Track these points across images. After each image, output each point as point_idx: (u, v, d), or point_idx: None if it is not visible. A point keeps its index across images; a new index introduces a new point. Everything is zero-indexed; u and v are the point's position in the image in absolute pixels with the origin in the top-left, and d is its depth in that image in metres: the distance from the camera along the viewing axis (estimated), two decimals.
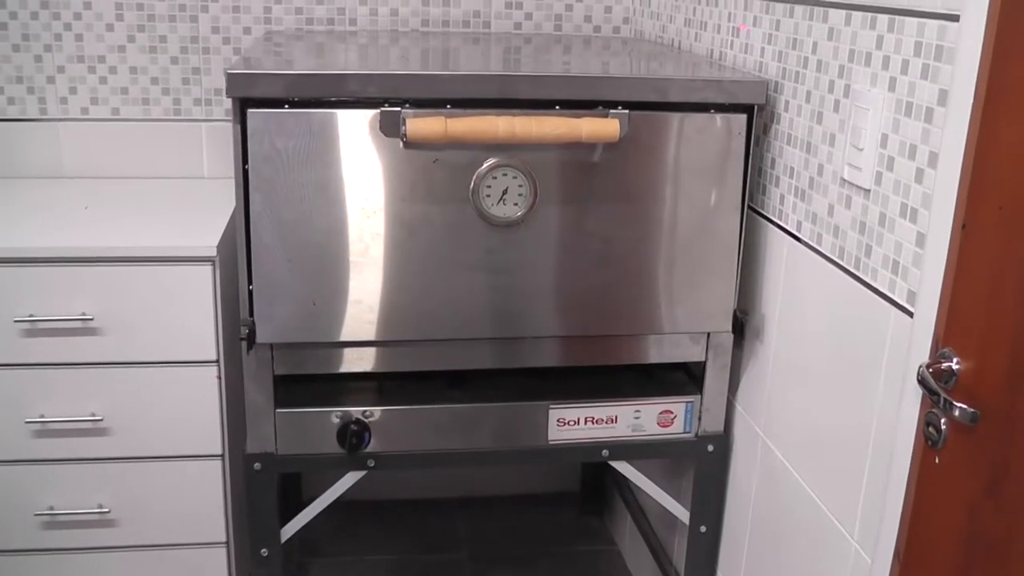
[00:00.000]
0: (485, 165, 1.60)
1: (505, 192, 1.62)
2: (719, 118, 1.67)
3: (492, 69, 1.77)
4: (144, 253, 1.87)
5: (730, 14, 1.89)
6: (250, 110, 1.55)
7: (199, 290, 1.89)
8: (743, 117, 1.68)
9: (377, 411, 1.73)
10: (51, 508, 1.99)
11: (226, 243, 1.93)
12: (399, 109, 1.56)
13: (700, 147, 1.68)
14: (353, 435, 1.70)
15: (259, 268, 1.61)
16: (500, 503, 2.64)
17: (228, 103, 2.33)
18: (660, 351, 1.80)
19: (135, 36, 2.33)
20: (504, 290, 1.68)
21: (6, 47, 2.32)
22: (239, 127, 1.56)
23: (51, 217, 2.09)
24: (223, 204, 2.15)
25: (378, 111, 1.57)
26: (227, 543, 2.04)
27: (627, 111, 1.62)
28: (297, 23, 2.36)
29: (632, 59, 2.01)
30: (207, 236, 1.91)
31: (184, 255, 1.88)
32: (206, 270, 1.88)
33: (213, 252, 1.87)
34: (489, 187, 1.61)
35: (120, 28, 2.32)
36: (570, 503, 2.66)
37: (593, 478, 2.63)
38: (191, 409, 1.95)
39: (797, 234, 1.62)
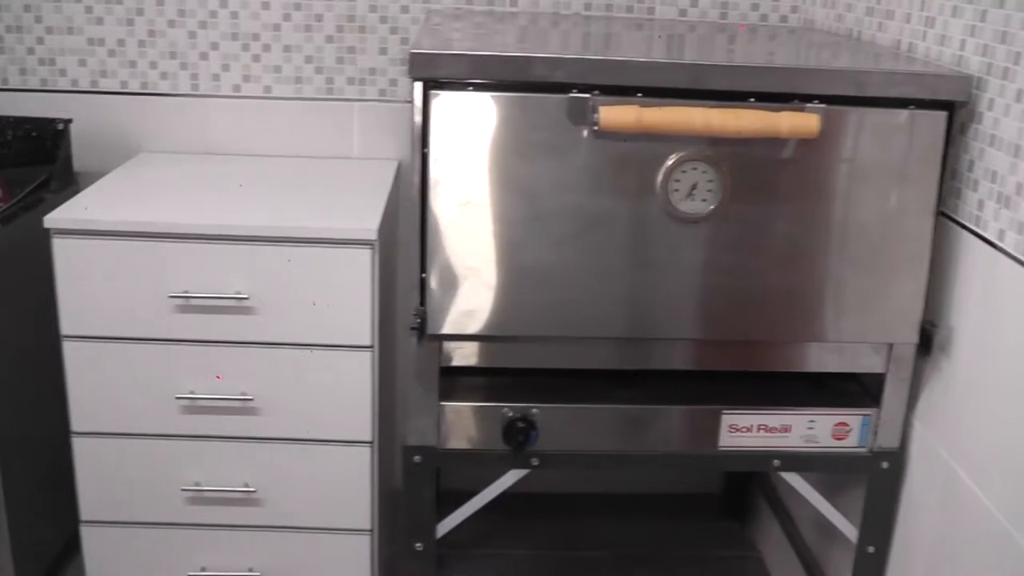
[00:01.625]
0: (674, 158, 1.53)
1: (694, 187, 1.54)
2: (918, 115, 1.57)
3: (684, 58, 1.69)
4: (304, 234, 1.84)
5: (922, 2, 1.78)
6: (433, 91, 1.50)
7: (357, 274, 1.85)
8: (942, 115, 1.58)
9: (544, 408, 1.67)
10: (197, 483, 1.98)
11: (384, 227, 1.88)
12: (588, 96, 1.49)
13: (894, 145, 1.58)
14: (519, 432, 1.64)
15: (434, 256, 1.56)
16: (638, 501, 2.57)
17: (381, 83, 2.31)
18: (837, 360, 1.71)
19: (291, 15, 2.30)
20: (684, 289, 1.61)
21: (162, 22, 2.31)
22: (421, 109, 1.51)
23: (204, 193, 2.07)
24: (376, 186, 2.11)
25: (566, 97, 1.50)
26: (371, 531, 2.00)
27: (823, 105, 1.53)
28: (456, 2, 2.30)
29: (816, 50, 1.91)
30: (367, 219, 1.87)
31: (344, 237, 1.84)
32: (365, 254, 1.84)
33: (374, 236, 1.83)
34: (678, 181, 1.54)
35: (276, 6, 2.29)
36: (709, 505, 2.58)
37: (735, 481, 2.55)
38: (342, 394, 1.92)
39: (998, 243, 1.52)
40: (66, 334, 1.92)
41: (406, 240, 2.23)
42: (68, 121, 2.25)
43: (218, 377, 1.91)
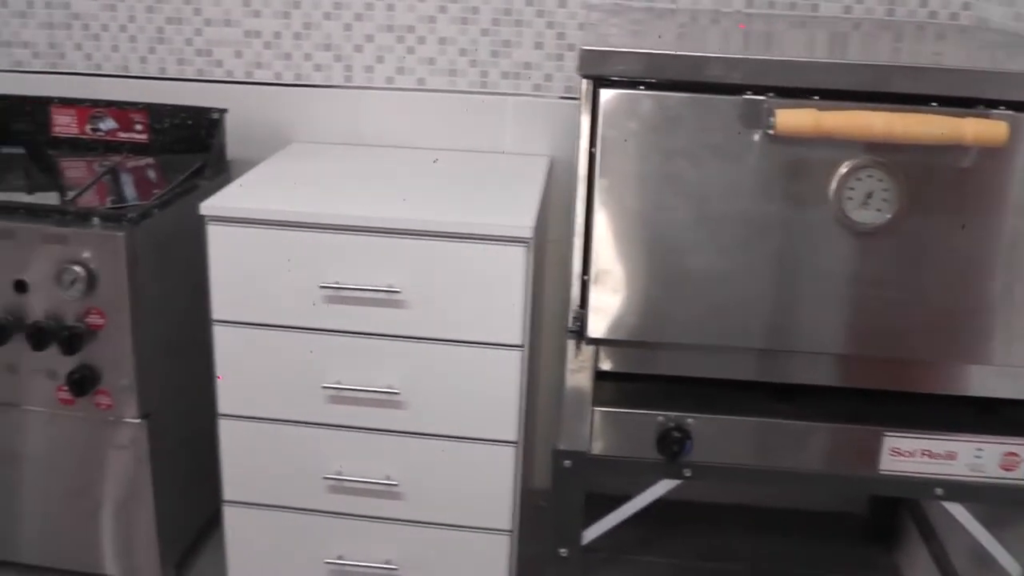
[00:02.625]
0: (849, 165, 1.46)
1: (869, 196, 1.47)
2: None
3: (866, 58, 1.62)
4: (459, 229, 1.82)
5: None
6: (603, 90, 1.46)
7: (510, 272, 1.83)
8: None
9: (700, 418, 1.62)
10: (339, 472, 1.99)
11: (538, 225, 1.86)
12: (763, 98, 1.44)
13: None
14: (674, 442, 1.59)
15: (597, 259, 1.53)
16: (780, 516, 2.50)
17: (536, 77, 2.29)
18: (1009, 385, 1.62)
19: (447, 7, 2.29)
20: (853, 303, 1.54)
21: (318, 15, 2.33)
22: (589, 107, 1.47)
23: (356, 185, 2.08)
24: (528, 182, 2.08)
25: (740, 99, 1.45)
26: (511, 532, 1.98)
27: (1011, 112, 1.44)
28: None
29: (996, 51, 1.81)
30: (522, 216, 1.85)
31: (499, 234, 1.82)
32: (520, 252, 1.82)
33: (529, 234, 1.81)
34: (852, 189, 1.47)
35: None
36: (854, 526, 2.49)
37: (883, 502, 2.45)
38: (489, 393, 1.90)
39: None
40: (217, 318, 1.95)
41: (556, 238, 2.23)
42: (223, 111, 2.29)
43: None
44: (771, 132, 1.42)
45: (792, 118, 1.41)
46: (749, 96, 1.44)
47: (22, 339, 1.97)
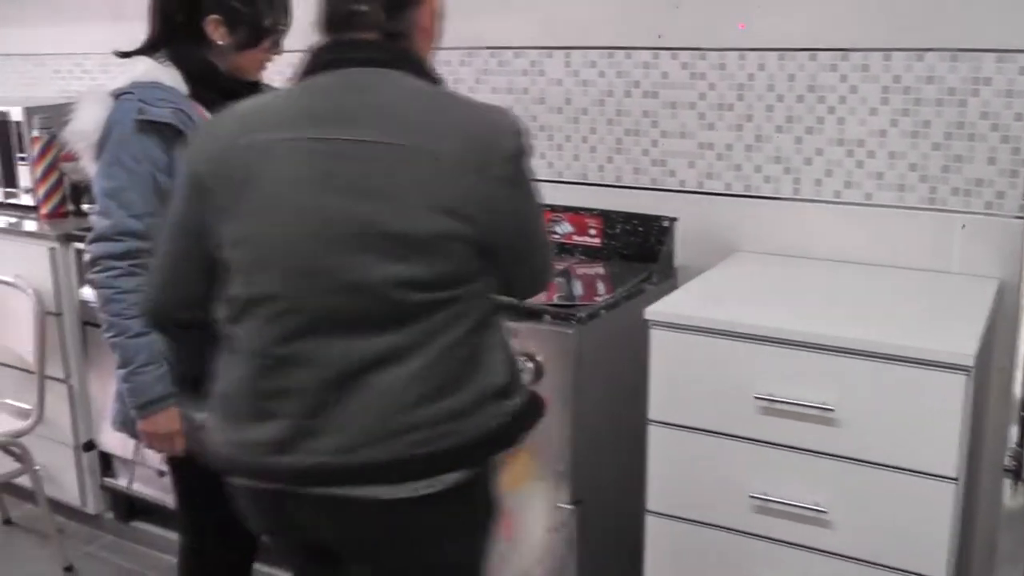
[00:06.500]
0: None
1: None
2: None
3: None
4: (895, 351, 1.80)
5: None
6: None
7: (948, 400, 1.78)
8: None
9: None
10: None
11: (981, 352, 1.79)
12: None
13: None
14: None
15: None
16: None
17: (987, 195, 2.20)
18: None
19: (898, 120, 2.27)
20: None
21: (769, 128, 2.40)
22: None
23: (797, 298, 2.11)
24: (974, 306, 2.01)
25: None
26: None
27: None
28: None
29: None
30: (963, 343, 1.79)
31: (939, 360, 1.77)
32: (959, 380, 1.76)
33: (970, 362, 1.75)
34: None
35: (884, 112, 2.28)
36: None
37: None
38: (918, 523, 1.83)
39: None
40: (652, 418, 2.06)
41: (1002, 367, 2.11)
42: (673, 219, 2.42)
43: None
44: None
45: None
46: None
47: None
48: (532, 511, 2.22)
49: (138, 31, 2.02)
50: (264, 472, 1.48)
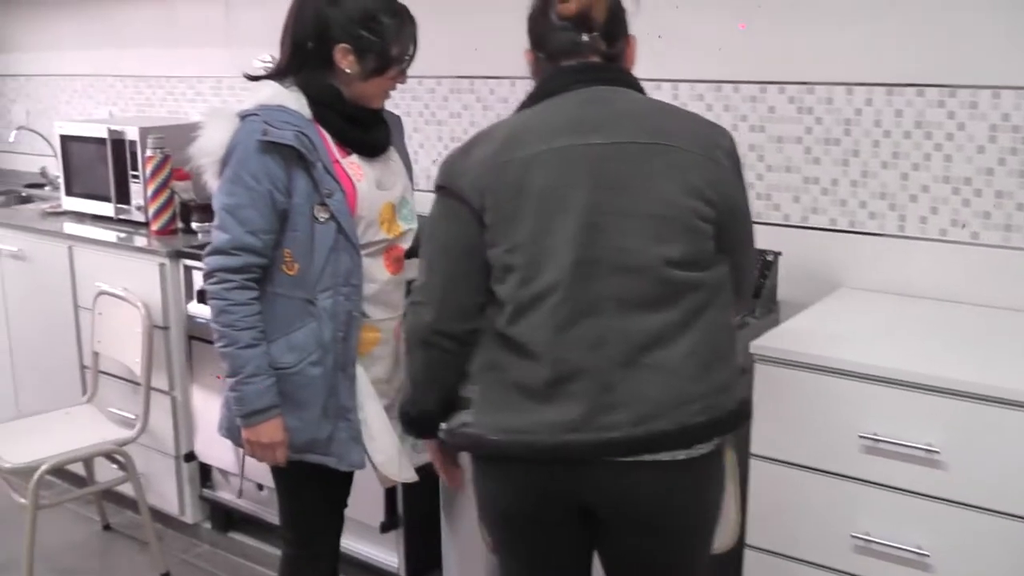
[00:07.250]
0: None
1: None
2: None
3: None
4: (998, 393, 1.80)
5: None
6: None
7: None
8: None
9: None
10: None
11: None
12: None
13: None
14: None
15: None
16: None
17: None
18: None
19: (1006, 159, 2.25)
20: None
21: (875, 163, 2.40)
22: None
23: (902, 337, 2.10)
24: None
25: None
26: None
27: None
28: None
29: None
30: None
31: None
32: None
33: None
34: None
35: (991, 150, 2.26)
36: None
37: None
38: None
39: None
40: (755, 453, 2.06)
41: None
42: (778, 253, 2.43)
43: None
44: None
45: None
46: None
47: None
48: None
49: (249, 55, 2.09)
50: (562, 449, 1.64)
